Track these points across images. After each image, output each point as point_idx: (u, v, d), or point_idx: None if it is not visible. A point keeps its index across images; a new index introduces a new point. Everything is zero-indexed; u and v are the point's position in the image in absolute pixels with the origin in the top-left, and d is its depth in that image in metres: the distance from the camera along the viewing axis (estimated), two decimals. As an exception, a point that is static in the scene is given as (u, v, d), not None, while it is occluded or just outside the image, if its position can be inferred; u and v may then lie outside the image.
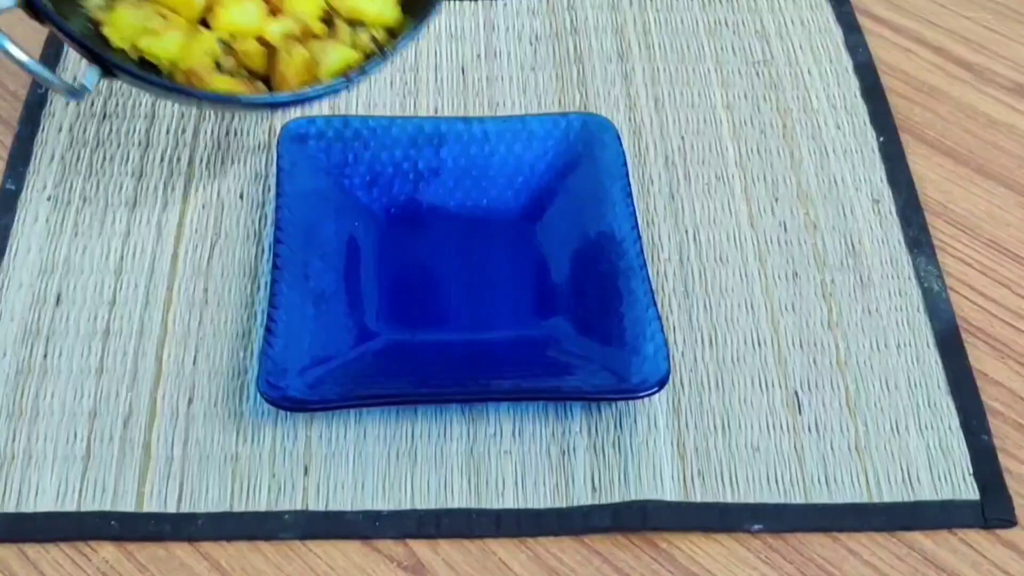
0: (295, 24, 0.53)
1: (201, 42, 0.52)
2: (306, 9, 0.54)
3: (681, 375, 0.57)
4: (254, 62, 0.53)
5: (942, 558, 0.51)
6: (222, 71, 0.52)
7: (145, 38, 0.52)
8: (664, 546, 0.51)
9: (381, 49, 0.55)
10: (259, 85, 0.53)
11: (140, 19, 0.52)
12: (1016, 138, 0.69)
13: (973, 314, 0.60)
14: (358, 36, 0.54)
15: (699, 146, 0.67)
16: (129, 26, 0.52)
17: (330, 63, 0.53)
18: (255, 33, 0.53)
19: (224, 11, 0.52)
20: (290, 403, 0.52)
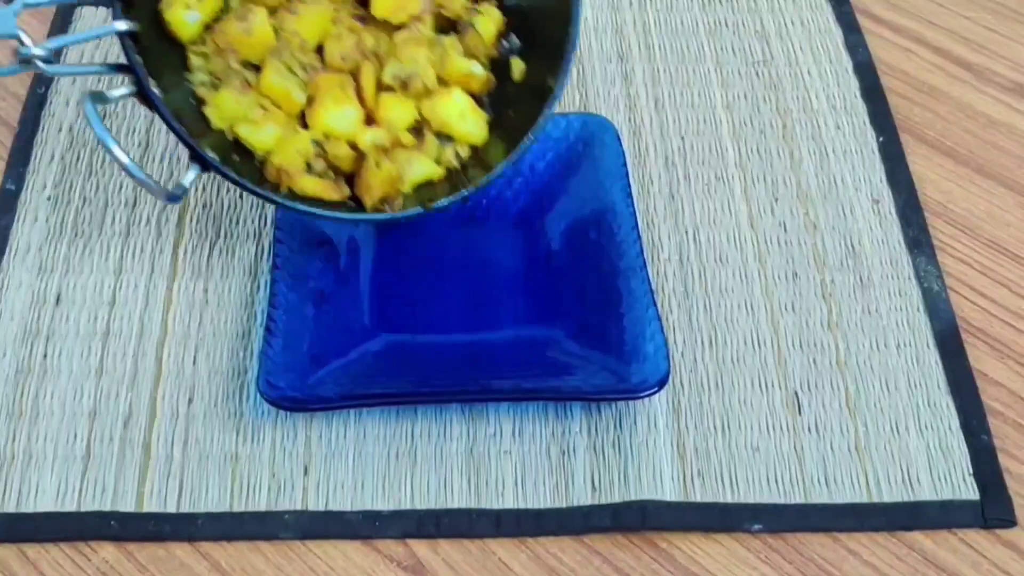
0: (387, 135, 0.54)
1: (296, 142, 0.53)
2: (400, 117, 0.55)
3: (681, 375, 0.57)
4: (343, 164, 0.54)
5: (942, 558, 0.51)
6: (312, 171, 0.54)
7: (244, 125, 0.53)
8: (664, 546, 0.51)
9: (463, 167, 0.56)
10: (343, 187, 0.54)
11: (242, 105, 0.53)
12: (1016, 138, 0.69)
13: (973, 314, 0.60)
14: (443, 151, 0.56)
15: (699, 146, 0.67)
16: (231, 111, 0.53)
17: (413, 175, 0.54)
18: (349, 138, 0.54)
19: (323, 112, 0.53)
20: (290, 403, 0.52)
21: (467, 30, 0.57)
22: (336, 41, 0.55)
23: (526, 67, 0.57)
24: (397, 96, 0.55)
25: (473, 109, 0.56)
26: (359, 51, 0.55)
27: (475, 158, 0.57)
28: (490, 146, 0.57)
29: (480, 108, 0.57)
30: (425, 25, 0.56)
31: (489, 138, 0.57)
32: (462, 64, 0.56)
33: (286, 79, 0.53)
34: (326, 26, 0.56)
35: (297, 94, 0.54)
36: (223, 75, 0.54)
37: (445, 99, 0.55)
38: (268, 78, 0.53)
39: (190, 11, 0.53)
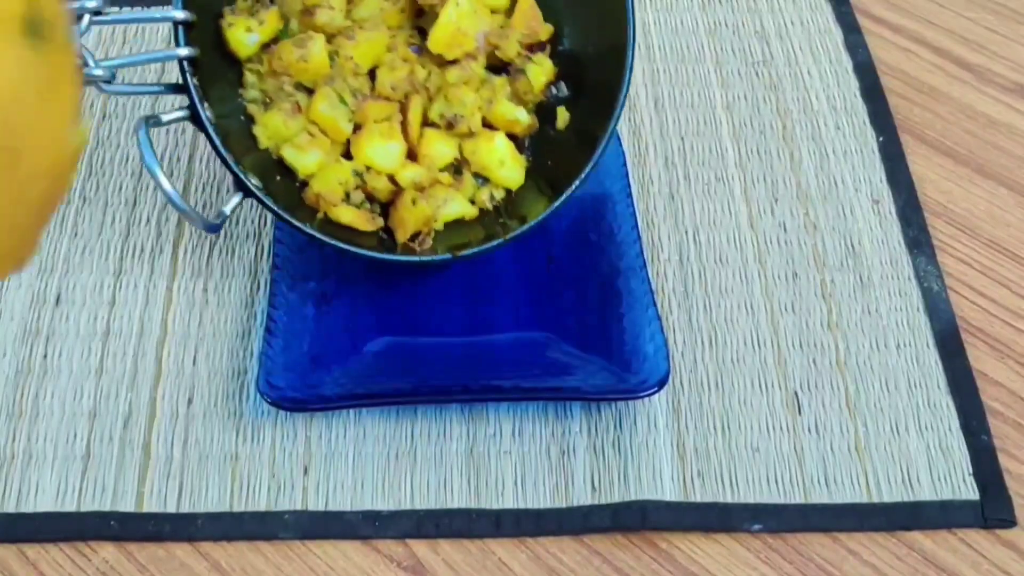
0: (427, 174, 0.56)
1: (338, 172, 0.54)
2: (441, 153, 0.56)
3: (681, 375, 0.57)
4: (380, 194, 0.56)
5: (942, 558, 0.51)
6: (349, 201, 0.55)
7: (289, 148, 0.54)
8: (664, 546, 0.51)
9: (496, 209, 0.57)
10: (377, 218, 0.55)
11: (290, 128, 0.54)
12: (1016, 138, 0.69)
13: (973, 314, 0.60)
14: (480, 191, 0.57)
15: (699, 147, 0.67)
16: (278, 132, 0.54)
17: (447, 213, 0.56)
18: (390, 173, 0.55)
19: (368, 146, 0.54)
20: (290, 403, 0.52)
21: (518, 76, 0.58)
22: (389, 70, 0.56)
23: (571, 113, 0.58)
24: (441, 133, 0.56)
25: (513, 155, 0.57)
26: (410, 82, 0.56)
27: (508, 200, 0.58)
28: (525, 191, 0.58)
29: (520, 152, 0.58)
30: (478, 64, 0.57)
31: (525, 183, 0.58)
32: (509, 109, 0.57)
33: (335, 109, 0.54)
34: (381, 53, 0.57)
35: (344, 125, 0.55)
36: (275, 95, 0.55)
37: (488, 144, 0.56)
38: (318, 107, 0.54)
39: (251, 33, 0.55)
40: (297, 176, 0.55)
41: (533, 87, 0.57)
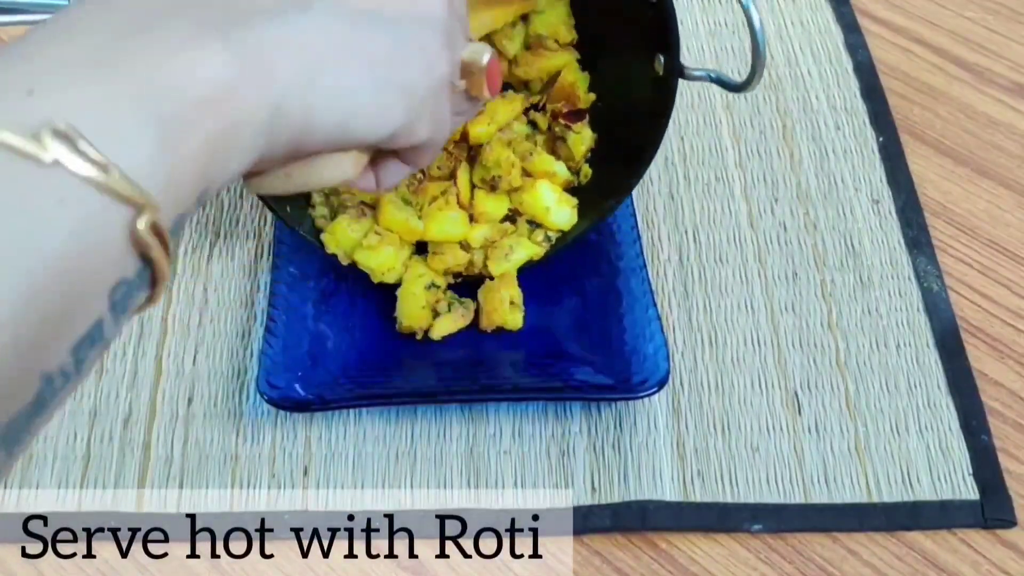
0: (492, 228, 0.58)
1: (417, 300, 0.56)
2: (495, 209, 0.58)
3: (681, 375, 0.57)
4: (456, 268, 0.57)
5: (942, 558, 0.51)
6: (439, 314, 0.57)
7: (361, 251, 0.56)
8: (664, 546, 0.51)
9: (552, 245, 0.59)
10: (469, 304, 0.57)
11: (356, 233, 0.56)
12: (1016, 138, 0.69)
13: (973, 314, 0.60)
14: (534, 233, 0.58)
15: (699, 147, 0.67)
16: (346, 239, 0.56)
17: (517, 259, 0.57)
18: (461, 239, 0.57)
19: (434, 223, 0.56)
20: (290, 403, 0.52)
21: (559, 144, 0.59)
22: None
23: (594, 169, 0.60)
24: (488, 193, 0.58)
25: (560, 199, 0.58)
26: (453, 158, 0.58)
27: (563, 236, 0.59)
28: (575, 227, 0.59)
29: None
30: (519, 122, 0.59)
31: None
32: (547, 162, 0.58)
33: (403, 211, 0.56)
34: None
35: (415, 223, 0.56)
36: (340, 206, 0.57)
37: (533, 194, 0.58)
38: (388, 214, 0.56)
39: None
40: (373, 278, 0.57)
41: (574, 155, 0.59)
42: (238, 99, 0.30)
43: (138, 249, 0.27)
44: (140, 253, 0.27)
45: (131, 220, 0.27)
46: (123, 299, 0.28)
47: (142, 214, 0.27)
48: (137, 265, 0.28)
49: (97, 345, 0.27)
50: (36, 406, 0.26)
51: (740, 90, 0.51)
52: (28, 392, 0.26)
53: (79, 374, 0.27)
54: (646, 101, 0.54)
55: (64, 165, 0.25)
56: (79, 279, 0.26)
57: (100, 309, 0.27)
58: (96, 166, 0.26)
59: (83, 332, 0.27)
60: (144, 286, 0.29)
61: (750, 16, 0.48)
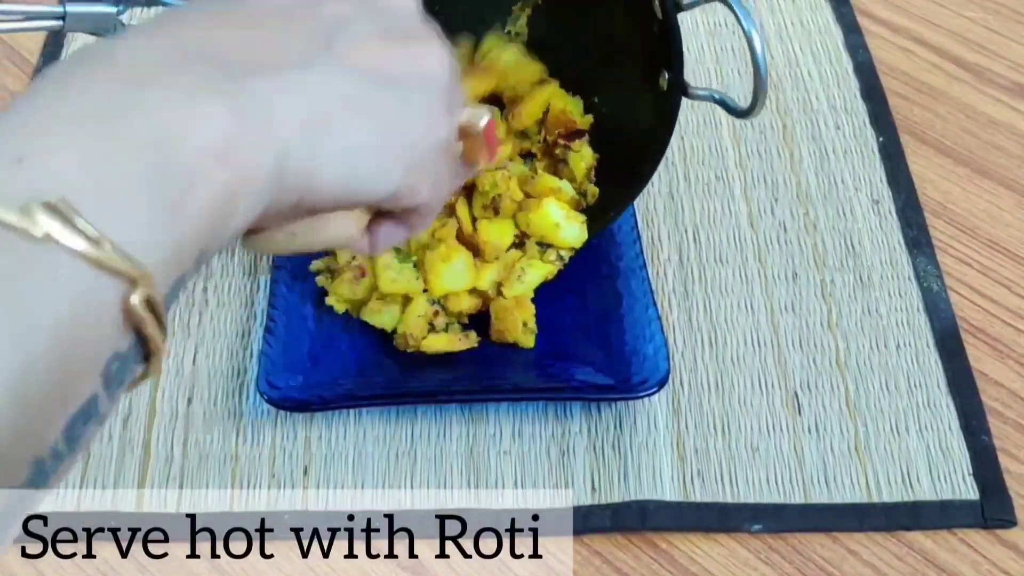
0: (499, 266, 0.57)
1: (415, 309, 0.55)
2: (501, 236, 0.57)
3: (681, 375, 0.57)
4: (468, 312, 0.57)
5: (942, 558, 0.51)
6: (435, 329, 0.56)
7: (368, 314, 0.56)
8: (664, 546, 0.51)
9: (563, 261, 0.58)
10: (471, 335, 0.56)
11: (358, 294, 0.56)
12: (1016, 138, 0.69)
13: (973, 314, 0.60)
14: (546, 254, 0.57)
15: (699, 147, 0.67)
16: (350, 298, 0.56)
17: (531, 282, 0.57)
18: (470, 288, 0.56)
19: (437, 279, 0.55)
20: (290, 403, 0.52)
21: (561, 166, 0.59)
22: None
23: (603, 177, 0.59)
24: (492, 219, 0.57)
25: (568, 215, 0.57)
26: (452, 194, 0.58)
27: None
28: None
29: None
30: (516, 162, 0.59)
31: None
32: (551, 180, 0.58)
33: (401, 274, 0.55)
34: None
35: (415, 284, 0.56)
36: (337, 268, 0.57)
37: (539, 212, 0.56)
38: (385, 281, 0.55)
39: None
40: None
41: (576, 175, 0.58)
42: (240, 157, 0.29)
43: (131, 323, 0.26)
44: (133, 327, 0.27)
45: (124, 294, 0.26)
46: (118, 373, 0.27)
47: (136, 288, 0.26)
48: (131, 339, 0.27)
49: (92, 422, 0.27)
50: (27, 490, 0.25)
51: (743, 116, 0.50)
52: (19, 477, 0.25)
53: (72, 453, 0.26)
54: (649, 117, 0.54)
55: (55, 239, 0.25)
56: (72, 355, 0.25)
57: (94, 385, 0.26)
58: (88, 240, 0.25)
59: (76, 410, 0.26)
60: (139, 360, 0.28)
61: (752, 43, 0.47)
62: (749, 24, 0.47)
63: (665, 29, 0.50)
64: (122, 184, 0.27)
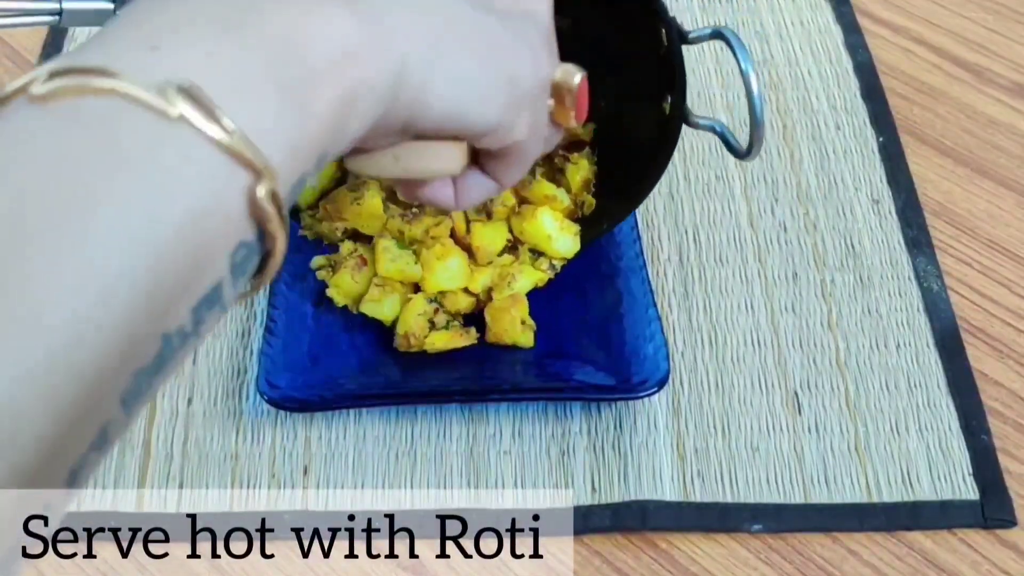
0: (494, 272, 0.56)
1: (415, 307, 0.56)
2: (493, 240, 0.57)
3: (681, 375, 0.57)
4: (465, 312, 0.57)
5: (942, 558, 0.51)
6: (436, 327, 0.56)
7: (368, 304, 0.56)
8: (664, 546, 0.51)
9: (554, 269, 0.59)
10: (471, 331, 0.56)
11: (359, 284, 0.56)
12: (1016, 138, 0.69)
13: (973, 314, 0.60)
14: (538, 262, 0.57)
15: (699, 146, 0.67)
16: (351, 291, 0.56)
17: (521, 287, 0.57)
18: (462, 287, 0.56)
19: (432, 275, 0.55)
20: (290, 403, 0.52)
21: (558, 176, 0.59)
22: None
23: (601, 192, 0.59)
24: (486, 223, 0.57)
25: (562, 226, 0.57)
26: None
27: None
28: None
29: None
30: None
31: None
32: (546, 187, 0.57)
33: (399, 259, 0.56)
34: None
35: (412, 269, 0.56)
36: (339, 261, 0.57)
37: (534, 223, 0.56)
38: (383, 265, 0.55)
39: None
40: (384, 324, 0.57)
41: (571, 187, 0.58)
42: (362, 64, 0.30)
43: (255, 215, 0.27)
44: (257, 220, 0.27)
45: (251, 185, 0.26)
46: (243, 262, 0.28)
47: (261, 181, 0.26)
48: (256, 231, 0.27)
49: (215, 307, 0.27)
50: (155, 366, 0.26)
51: (741, 158, 0.50)
52: (150, 352, 0.25)
53: (197, 335, 0.27)
54: (651, 134, 0.54)
55: (190, 122, 0.25)
56: (202, 239, 0.26)
57: (221, 270, 0.27)
58: (220, 126, 0.26)
59: (204, 293, 0.26)
60: (259, 252, 0.28)
61: (749, 83, 0.47)
62: (747, 64, 0.47)
63: (670, 56, 0.50)
64: (251, 79, 0.27)
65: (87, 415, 0.24)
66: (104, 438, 0.25)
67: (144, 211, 0.24)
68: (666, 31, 0.50)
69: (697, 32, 0.50)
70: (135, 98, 0.25)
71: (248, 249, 0.28)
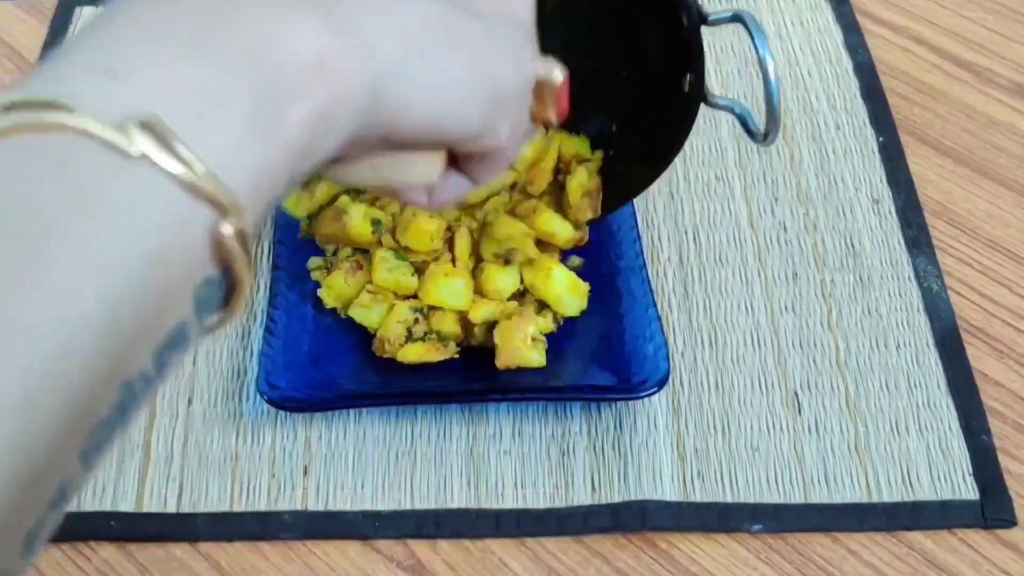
0: (497, 307, 0.55)
1: (396, 314, 0.55)
2: (506, 286, 0.56)
3: (681, 375, 0.57)
4: (448, 336, 0.56)
5: (942, 558, 0.51)
6: (412, 337, 0.55)
7: (356, 308, 0.56)
8: (664, 546, 0.51)
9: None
10: (450, 345, 0.55)
11: (352, 288, 0.56)
12: (1016, 138, 0.69)
13: (973, 314, 0.60)
14: (542, 312, 0.56)
15: (699, 146, 0.67)
16: (343, 293, 0.56)
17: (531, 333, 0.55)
18: (461, 311, 0.55)
19: (434, 286, 0.55)
20: (290, 403, 0.52)
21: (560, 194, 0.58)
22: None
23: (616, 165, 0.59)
24: (501, 267, 0.56)
25: (572, 286, 0.56)
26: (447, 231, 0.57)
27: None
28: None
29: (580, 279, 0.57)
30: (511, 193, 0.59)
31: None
32: (549, 222, 0.57)
33: (395, 270, 0.55)
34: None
35: (409, 280, 0.55)
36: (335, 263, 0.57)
37: (546, 279, 0.55)
38: (379, 275, 0.55)
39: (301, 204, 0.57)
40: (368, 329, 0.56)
41: (571, 200, 0.57)
42: (336, 75, 0.28)
43: (220, 254, 0.26)
44: (221, 259, 0.26)
45: (215, 222, 0.25)
46: (207, 299, 0.26)
47: (227, 218, 0.25)
48: (220, 268, 0.26)
49: (180, 348, 0.26)
50: (116, 416, 0.25)
51: (760, 143, 0.50)
52: (110, 402, 0.24)
53: (160, 377, 0.26)
54: (667, 112, 0.54)
55: (151, 160, 0.24)
56: (165, 279, 0.24)
57: (185, 310, 0.26)
58: (183, 163, 0.24)
59: (167, 334, 0.25)
60: (224, 287, 0.27)
61: (766, 69, 0.47)
62: (764, 50, 0.47)
63: (690, 36, 0.50)
64: (218, 104, 0.26)
65: (44, 475, 0.23)
66: (62, 496, 0.24)
67: (101, 254, 0.23)
68: (686, 10, 0.50)
69: (717, 15, 0.50)
70: (92, 135, 0.23)
71: (213, 286, 0.26)
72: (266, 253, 0.61)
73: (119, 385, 0.24)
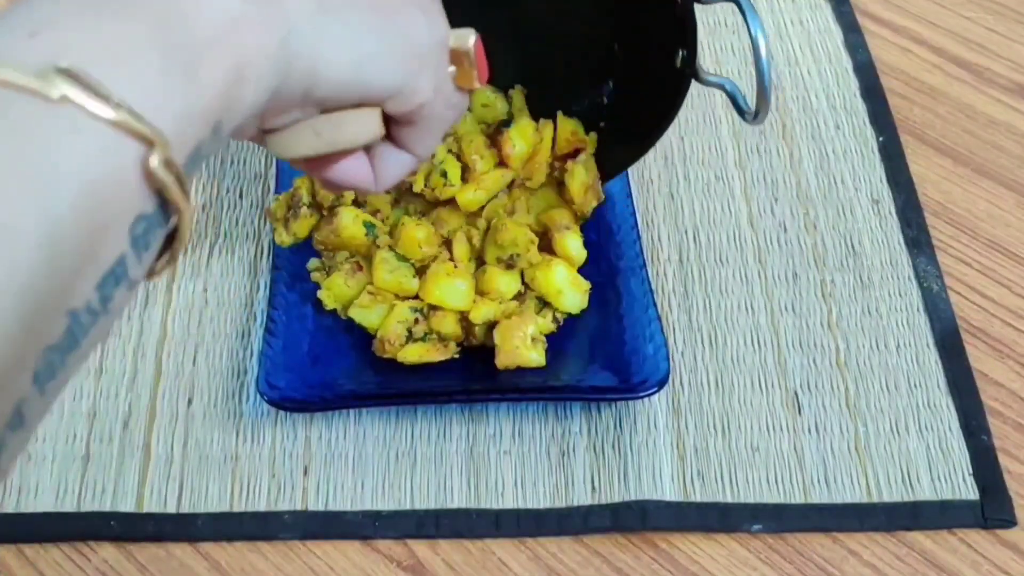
0: (498, 308, 0.55)
1: (396, 315, 0.55)
2: (508, 288, 0.56)
3: (681, 375, 0.57)
4: (447, 336, 0.55)
5: (942, 558, 0.51)
6: (413, 337, 0.55)
7: (356, 309, 0.56)
8: (664, 546, 0.51)
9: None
10: (450, 345, 0.55)
11: (351, 288, 0.56)
12: (1016, 138, 0.69)
13: (973, 314, 0.60)
14: (543, 312, 0.56)
15: (698, 146, 0.67)
16: (343, 294, 0.56)
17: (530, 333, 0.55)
18: (462, 311, 0.55)
19: (435, 286, 0.55)
20: (290, 403, 0.52)
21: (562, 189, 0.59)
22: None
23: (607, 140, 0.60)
24: (503, 270, 0.56)
25: (573, 282, 0.56)
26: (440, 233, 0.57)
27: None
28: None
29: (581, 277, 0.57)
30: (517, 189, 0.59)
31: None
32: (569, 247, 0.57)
33: (396, 271, 0.55)
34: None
35: (411, 282, 0.55)
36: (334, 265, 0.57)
37: (547, 274, 0.56)
38: (380, 276, 0.55)
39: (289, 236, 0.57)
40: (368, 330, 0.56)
41: (573, 195, 0.58)
42: (248, 33, 0.31)
43: (152, 186, 0.27)
44: (155, 190, 0.27)
45: (144, 156, 0.27)
46: (144, 235, 0.28)
47: (154, 150, 0.27)
48: (155, 202, 0.28)
49: (122, 283, 0.28)
50: (66, 344, 0.26)
51: (749, 122, 0.51)
52: (58, 328, 0.26)
53: (107, 312, 0.28)
54: (660, 86, 0.54)
55: (72, 100, 0.26)
56: (98, 212, 0.26)
57: (122, 244, 0.27)
58: (104, 101, 0.26)
59: (107, 268, 0.27)
60: (163, 223, 0.29)
61: (757, 46, 0.47)
62: (756, 27, 0.47)
63: (683, 13, 0.51)
64: (134, 54, 0.28)
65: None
66: (19, 417, 0.26)
67: (36, 187, 0.25)
68: None
69: None
70: (14, 84, 0.25)
71: (148, 221, 0.28)
72: (266, 253, 0.61)
73: (66, 311, 0.26)
